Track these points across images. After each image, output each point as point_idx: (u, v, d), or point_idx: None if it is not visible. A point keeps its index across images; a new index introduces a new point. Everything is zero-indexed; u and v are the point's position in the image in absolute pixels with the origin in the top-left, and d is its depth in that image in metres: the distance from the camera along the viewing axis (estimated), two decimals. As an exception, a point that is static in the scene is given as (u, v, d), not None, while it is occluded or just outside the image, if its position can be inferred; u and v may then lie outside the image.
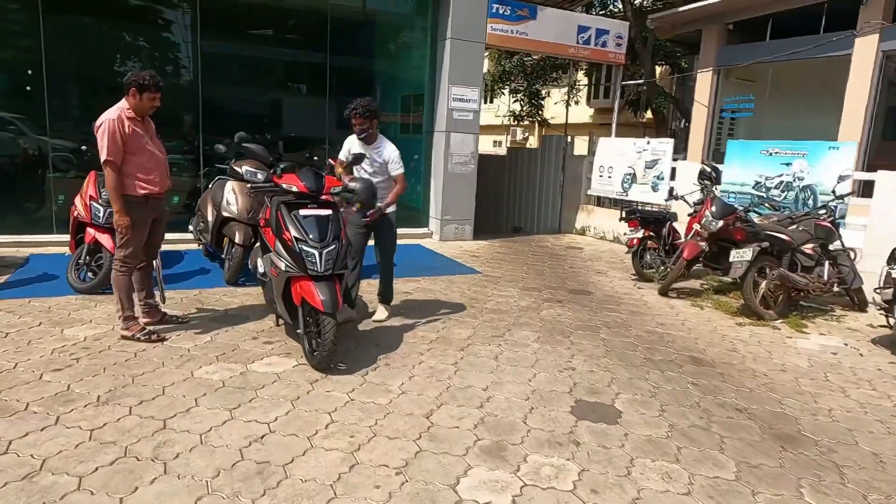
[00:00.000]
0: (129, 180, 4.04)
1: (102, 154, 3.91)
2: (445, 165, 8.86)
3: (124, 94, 4.06)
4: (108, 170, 3.93)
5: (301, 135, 9.24)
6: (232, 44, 8.57)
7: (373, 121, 4.65)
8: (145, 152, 4.10)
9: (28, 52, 7.04)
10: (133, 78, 4.01)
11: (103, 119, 3.95)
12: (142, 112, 4.10)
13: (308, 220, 3.84)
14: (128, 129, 3.98)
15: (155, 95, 4.08)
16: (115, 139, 3.91)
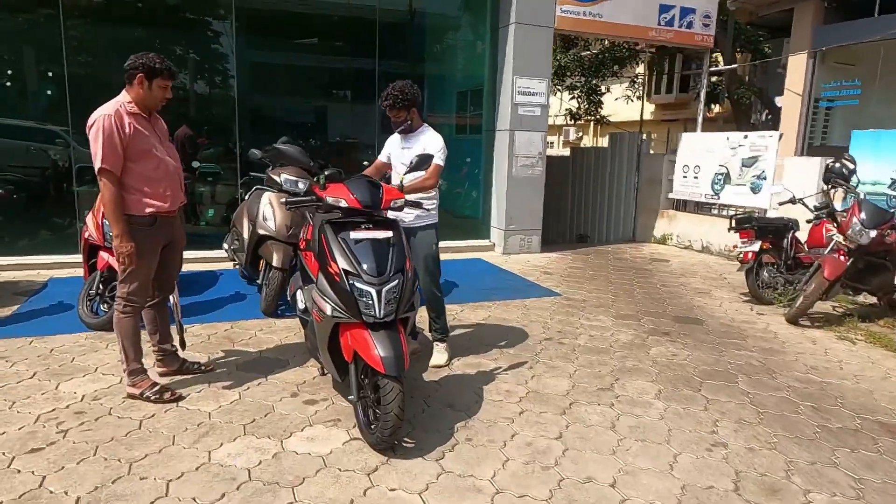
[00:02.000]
0: (132, 195, 3.10)
1: (96, 162, 2.98)
2: (509, 169, 7.78)
3: (126, 82, 3.12)
4: (105, 181, 3.00)
5: (348, 142, 8.39)
6: (274, 52, 7.85)
7: (410, 109, 3.65)
8: (152, 158, 3.14)
9: (53, 62, 6.40)
10: (140, 60, 3.08)
11: (96, 116, 3.01)
12: (150, 105, 3.17)
13: (361, 245, 2.84)
14: (128, 127, 3.03)
15: (167, 83, 3.16)
16: (113, 141, 2.98)
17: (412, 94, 3.60)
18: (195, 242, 6.77)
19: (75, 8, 6.40)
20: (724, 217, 8.56)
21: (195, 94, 7.55)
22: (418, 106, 3.70)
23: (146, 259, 3.19)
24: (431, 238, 3.72)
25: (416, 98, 3.63)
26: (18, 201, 6.76)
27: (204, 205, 7.47)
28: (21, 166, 6.87)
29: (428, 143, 3.65)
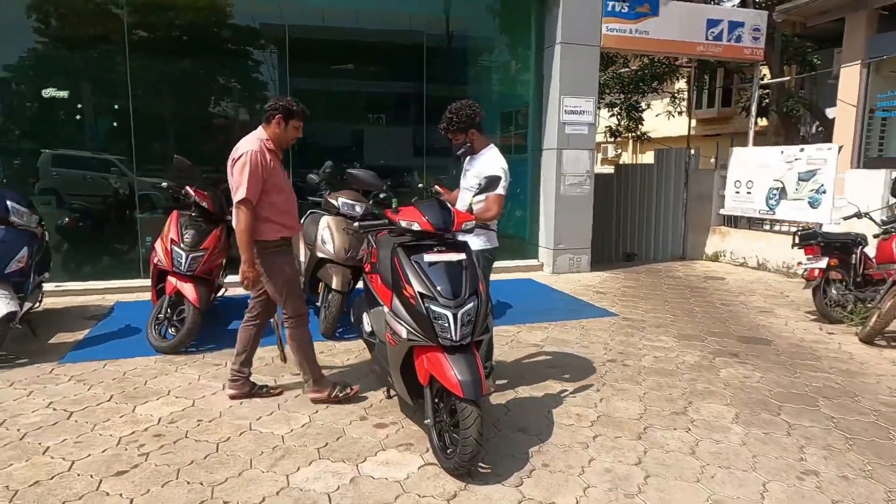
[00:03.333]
0: (266, 224, 3.33)
1: (240, 192, 3.19)
2: (557, 187, 7.74)
3: (264, 122, 3.40)
4: (244, 210, 3.22)
5: (397, 165, 8.50)
6: (322, 79, 8.06)
7: (468, 131, 3.54)
8: (283, 191, 3.43)
9: (118, 95, 6.71)
10: (280, 103, 3.36)
11: (243, 151, 3.24)
12: (284, 143, 3.46)
13: (436, 268, 2.84)
14: (269, 163, 3.30)
15: (300, 125, 3.45)
16: (258, 175, 3.23)
17: (467, 115, 3.49)
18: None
19: (139, 44, 6.69)
20: (780, 233, 8.31)
21: (250, 124, 7.78)
22: (477, 126, 3.57)
23: (291, 274, 3.48)
24: (485, 264, 3.58)
25: (471, 119, 3.51)
26: (84, 228, 7.04)
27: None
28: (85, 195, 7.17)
29: (484, 165, 3.52)
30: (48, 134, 6.85)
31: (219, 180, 7.39)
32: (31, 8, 6.50)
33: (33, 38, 6.59)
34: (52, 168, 7.01)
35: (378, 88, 8.69)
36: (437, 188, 5.42)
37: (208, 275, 4.74)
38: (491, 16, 8.54)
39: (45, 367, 4.11)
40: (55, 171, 7.04)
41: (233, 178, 3.26)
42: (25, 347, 4.48)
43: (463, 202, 3.60)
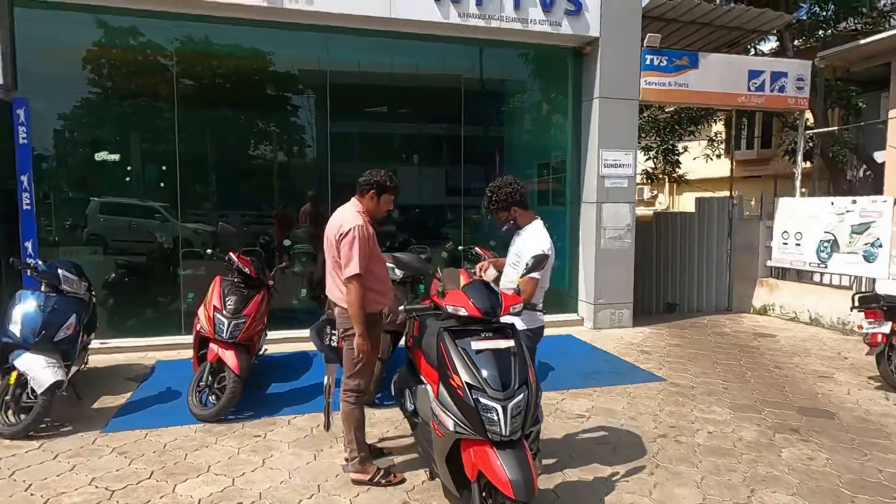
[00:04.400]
0: (368, 294, 3.35)
1: (352, 267, 3.23)
2: (597, 241, 7.60)
3: (358, 194, 3.48)
4: (356, 284, 3.24)
5: (434, 207, 8.53)
6: (361, 122, 8.18)
7: (510, 209, 3.48)
8: (380, 261, 3.50)
9: (165, 142, 6.90)
10: (375, 178, 3.44)
11: (351, 226, 3.27)
12: (377, 215, 3.52)
13: (483, 356, 2.74)
14: (371, 235, 3.37)
15: (391, 198, 3.52)
16: (365, 249, 3.28)
17: (507, 193, 3.44)
18: (287, 321, 6.96)
19: (186, 92, 6.86)
20: (834, 287, 7.96)
21: (290, 167, 7.96)
22: (519, 202, 3.50)
23: (377, 351, 3.52)
24: (529, 344, 3.40)
25: (511, 197, 3.45)
26: (128, 280, 7.18)
27: (296, 283, 7.69)
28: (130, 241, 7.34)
29: (525, 243, 3.43)
30: (98, 182, 7.10)
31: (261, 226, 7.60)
32: (86, 60, 6.78)
33: (87, 88, 6.86)
34: (99, 215, 7.22)
35: (415, 130, 8.81)
36: (479, 250, 5.39)
37: (249, 341, 4.74)
38: (528, 66, 8.60)
39: (89, 437, 4.12)
40: (102, 218, 7.25)
41: (339, 252, 3.29)
42: (70, 413, 4.52)
43: (507, 279, 3.51)
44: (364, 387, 3.46)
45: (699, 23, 8.18)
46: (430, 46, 7.63)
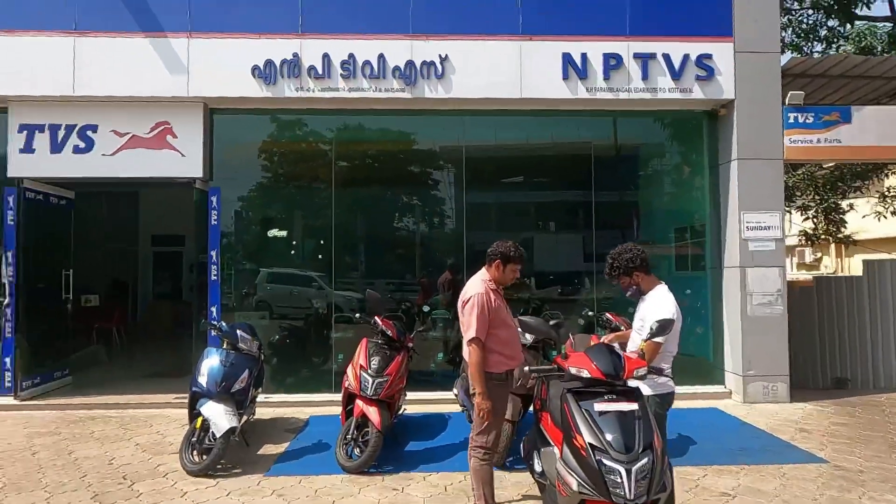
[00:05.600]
0: (491, 356, 3.66)
1: (470, 331, 3.60)
2: (743, 308, 7.17)
3: (486, 264, 3.87)
4: (475, 347, 3.59)
5: (568, 273, 8.63)
6: (495, 192, 8.64)
7: (632, 274, 3.59)
8: (506, 325, 3.78)
9: (322, 217, 7.79)
10: (500, 249, 3.81)
11: (472, 294, 3.68)
12: (504, 283, 3.86)
13: (607, 418, 2.82)
14: (493, 302, 3.70)
15: (517, 267, 3.84)
16: (484, 315, 3.62)
17: (627, 259, 3.58)
18: (425, 383, 7.33)
19: (341, 173, 7.77)
20: None
21: (430, 237, 8.56)
22: (640, 267, 3.61)
23: (502, 411, 3.74)
24: (658, 410, 3.38)
25: (632, 262, 3.58)
26: (289, 342, 8.06)
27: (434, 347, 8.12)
28: (291, 307, 8.28)
29: (649, 308, 3.49)
30: (267, 255, 8.18)
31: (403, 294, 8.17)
32: (260, 151, 8.01)
33: (261, 175, 8.07)
34: (266, 284, 8.28)
35: (547, 199, 9.09)
36: (610, 316, 5.41)
37: (390, 399, 5.13)
38: (659, 131, 8.58)
39: (254, 479, 4.68)
40: (269, 286, 8.30)
41: (463, 317, 3.66)
42: (240, 456, 5.15)
43: (633, 344, 3.56)
44: (490, 444, 3.63)
45: (849, 76, 7.71)
46: (560, 119, 8.00)
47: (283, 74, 6.98)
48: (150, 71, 6.91)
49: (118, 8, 6.90)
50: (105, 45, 6.91)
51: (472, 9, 7.20)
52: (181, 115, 7.09)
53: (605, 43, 7.21)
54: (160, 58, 6.92)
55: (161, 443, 5.67)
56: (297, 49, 6.99)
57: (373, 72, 7.02)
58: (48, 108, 7.00)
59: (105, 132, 7.03)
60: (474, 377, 3.53)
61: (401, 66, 7.03)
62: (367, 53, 7.02)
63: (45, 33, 6.86)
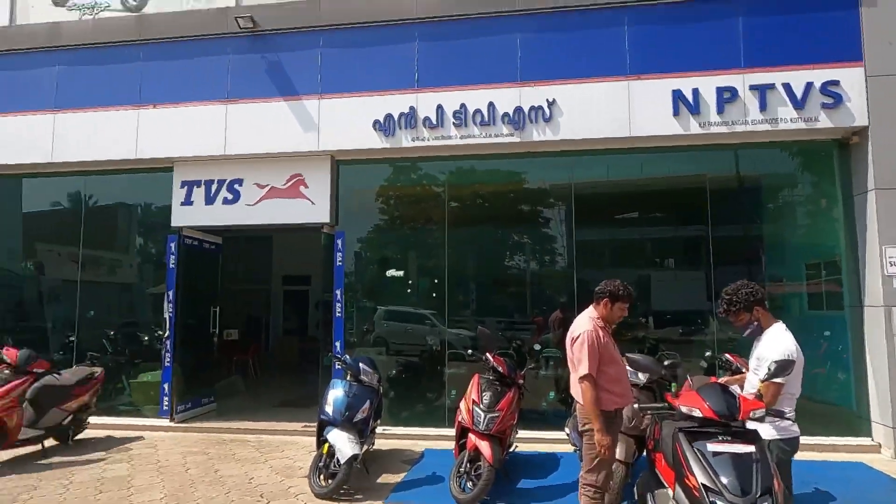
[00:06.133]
0: (600, 394, 3.77)
1: (581, 368, 3.74)
2: (891, 351, 6.50)
3: (594, 302, 4.01)
4: (587, 384, 3.72)
5: (684, 312, 8.29)
6: (605, 228, 8.57)
7: (753, 310, 3.47)
8: (615, 363, 3.89)
9: (436, 256, 8.17)
10: (608, 288, 3.95)
11: (580, 331, 3.84)
12: (611, 321, 3.99)
13: (721, 459, 2.78)
14: (602, 339, 3.82)
15: (625, 306, 3.96)
16: (594, 352, 3.75)
17: (744, 295, 3.50)
18: (536, 422, 7.33)
19: (454, 213, 8.12)
20: None
21: (540, 275, 8.62)
22: (762, 302, 3.52)
23: (613, 448, 3.80)
24: (781, 456, 3.23)
25: (752, 297, 3.50)
26: (404, 377, 8.43)
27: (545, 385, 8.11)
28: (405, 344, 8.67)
29: (766, 348, 3.37)
30: (384, 293, 8.67)
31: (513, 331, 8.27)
32: (377, 196, 8.59)
33: (378, 217, 8.64)
34: (383, 321, 8.76)
35: (660, 234, 8.82)
36: (728, 357, 5.20)
37: (502, 434, 5.24)
38: (782, 162, 8.12)
39: (374, 505, 4.98)
40: (385, 324, 8.77)
41: (572, 354, 3.79)
42: (361, 483, 5.48)
43: (750, 384, 3.44)
44: (600, 483, 3.66)
45: None
46: (672, 154, 7.86)
47: (401, 126, 7.57)
48: (287, 129, 7.79)
49: (262, 77, 7.90)
50: (250, 110, 7.91)
51: (578, 54, 7.39)
52: (312, 167, 7.88)
53: (717, 77, 7.08)
54: (295, 118, 7.79)
55: (291, 467, 6.17)
56: (413, 102, 7.56)
57: (483, 119, 7.41)
58: (204, 166, 8.10)
59: (249, 185, 7.99)
60: (589, 413, 3.59)
61: (509, 112, 7.36)
62: (478, 102, 7.43)
63: (204, 103, 8.00)
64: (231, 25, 7.92)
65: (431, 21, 7.69)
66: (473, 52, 7.62)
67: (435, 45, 7.68)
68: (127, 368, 8.69)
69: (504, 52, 7.52)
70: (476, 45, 7.65)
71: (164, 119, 8.08)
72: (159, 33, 8.20)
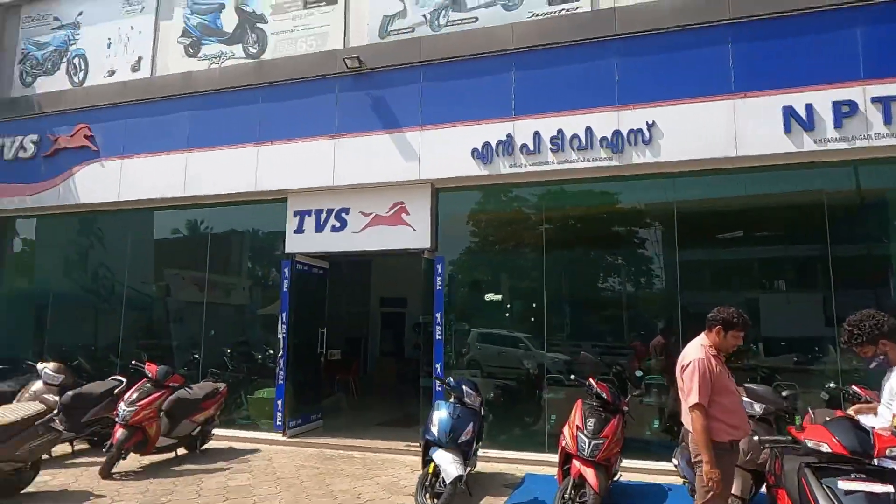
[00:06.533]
0: (714, 424, 3.66)
1: (691, 397, 3.67)
2: None
3: (706, 329, 3.94)
4: (697, 414, 3.63)
5: (793, 337, 7.76)
6: (710, 248, 8.21)
7: (878, 342, 3.25)
8: (729, 393, 3.78)
9: (532, 282, 8.21)
10: (722, 315, 3.86)
11: (691, 359, 3.79)
12: (724, 350, 3.90)
13: (854, 498, 2.64)
14: (715, 368, 3.74)
15: (739, 334, 3.85)
16: (706, 380, 3.68)
17: (868, 328, 3.30)
18: (640, 451, 7.11)
19: (552, 240, 8.09)
20: None
21: (645, 305, 8.39)
22: (886, 335, 3.28)
23: (728, 482, 3.66)
24: None
25: (877, 329, 3.29)
26: (502, 403, 8.47)
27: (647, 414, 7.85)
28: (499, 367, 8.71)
29: None
30: (479, 316, 8.80)
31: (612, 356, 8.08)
32: (475, 220, 8.76)
33: (475, 241, 8.81)
34: (477, 344, 8.87)
35: (771, 254, 8.33)
36: (856, 389, 4.86)
37: (607, 462, 5.18)
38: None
39: (479, 527, 5.06)
40: (479, 346, 8.88)
41: (682, 383, 3.72)
42: (464, 505, 5.60)
43: (884, 419, 3.23)
44: None
45: None
46: (784, 172, 7.46)
47: (498, 153, 7.76)
48: (390, 160, 8.22)
49: (367, 112, 8.41)
50: (356, 143, 8.42)
51: (679, 74, 7.27)
52: (413, 195, 8.24)
53: (833, 90, 6.70)
54: (397, 149, 8.20)
55: (396, 484, 6.39)
56: (510, 130, 7.74)
57: (580, 144, 7.44)
58: (314, 196, 8.70)
59: (355, 213, 8.48)
60: (699, 444, 3.50)
61: (608, 136, 7.35)
62: (575, 127, 7.49)
63: (314, 138, 8.61)
64: (339, 66, 8.52)
65: (527, 50, 7.87)
66: (570, 78, 7.70)
67: (531, 73, 7.84)
68: (245, 385, 9.36)
69: (601, 76, 7.54)
70: (572, 71, 7.73)
71: (279, 154, 8.78)
72: (276, 77, 8.96)
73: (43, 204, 10.17)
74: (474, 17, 8.31)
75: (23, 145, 10.27)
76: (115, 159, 9.70)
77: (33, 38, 10.96)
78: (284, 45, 9.17)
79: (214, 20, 9.65)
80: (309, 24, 9.10)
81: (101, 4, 10.46)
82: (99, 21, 10.43)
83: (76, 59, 10.51)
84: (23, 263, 11.48)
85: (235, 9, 9.55)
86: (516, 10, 8.13)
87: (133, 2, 10.23)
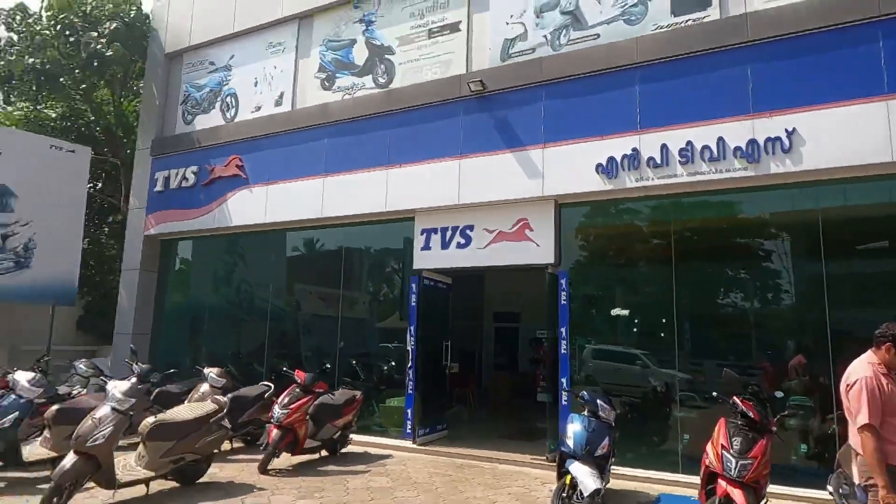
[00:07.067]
0: (887, 447, 3.52)
1: (860, 417, 3.57)
2: None
3: (873, 346, 3.81)
4: (868, 435, 3.52)
5: None
6: (862, 263, 7.50)
7: None
8: None
9: (661, 297, 7.99)
10: (891, 332, 3.73)
11: (857, 377, 3.68)
12: (894, 368, 3.74)
13: None
14: (886, 387, 3.61)
15: None
16: (876, 399, 3.56)
17: None
18: (784, 477, 6.69)
19: (680, 254, 7.84)
20: None
21: (783, 322, 7.84)
22: None
23: None
24: None
25: None
26: (629, 421, 8.28)
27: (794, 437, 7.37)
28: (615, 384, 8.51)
29: None
30: (605, 331, 8.71)
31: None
32: (599, 235, 8.69)
33: (599, 256, 8.68)
34: (591, 360, 8.75)
35: None
36: None
37: (756, 483, 4.98)
38: None
39: (620, 542, 5.05)
40: (591, 363, 8.75)
41: (849, 403, 3.59)
42: (599, 520, 5.59)
43: None
44: None
45: None
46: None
47: (624, 168, 7.74)
48: (513, 178, 8.46)
49: (490, 132, 8.73)
50: (480, 163, 8.75)
51: (821, 77, 6.88)
52: (536, 211, 8.41)
53: None
54: (520, 167, 8.43)
55: (528, 495, 6.52)
56: (636, 144, 7.71)
57: (712, 155, 7.25)
58: (440, 215, 9.12)
59: (479, 230, 8.79)
60: (872, 468, 3.34)
61: (742, 146, 7.10)
62: (705, 138, 7.31)
63: (440, 160, 9.06)
64: (463, 90, 8.93)
65: (652, 63, 7.82)
66: (697, 89, 7.55)
67: (656, 85, 7.77)
68: (375, 394, 9.91)
69: (732, 84, 7.32)
70: (700, 81, 7.57)
71: (407, 176, 9.32)
72: (403, 103, 9.55)
73: (202, 227, 11.47)
74: (596, 34, 8.40)
75: (185, 176, 11.67)
76: (262, 185, 10.77)
77: (193, 81, 12.47)
78: (411, 73, 9.76)
79: (347, 55, 10.47)
80: (433, 53, 9.63)
81: (249, 47, 11.72)
82: (247, 62, 11.68)
83: (228, 97, 11.82)
84: (182, 281, 12.95)
85: (366, 43, 10.32)
86: (639, 24, 8.12)
87: (275, 43, 11.36)
